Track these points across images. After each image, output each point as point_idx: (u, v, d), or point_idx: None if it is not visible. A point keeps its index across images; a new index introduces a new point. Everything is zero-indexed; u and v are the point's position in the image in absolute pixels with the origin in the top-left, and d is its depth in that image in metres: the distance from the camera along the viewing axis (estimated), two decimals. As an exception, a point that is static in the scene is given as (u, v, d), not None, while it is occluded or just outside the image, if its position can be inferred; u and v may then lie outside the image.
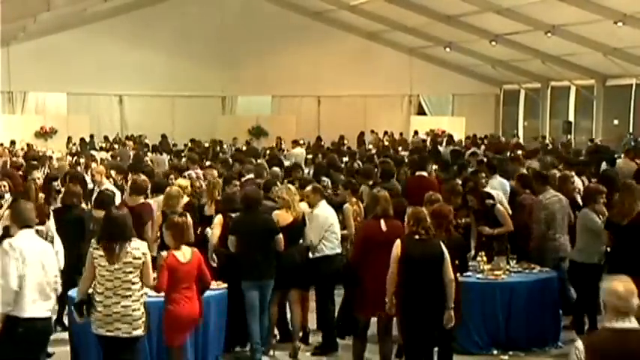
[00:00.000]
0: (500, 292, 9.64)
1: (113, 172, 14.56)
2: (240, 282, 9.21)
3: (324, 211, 9.89)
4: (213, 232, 9.94)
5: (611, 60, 26.34)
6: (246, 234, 9.25)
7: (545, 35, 25.75)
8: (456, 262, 8.15)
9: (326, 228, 9.71)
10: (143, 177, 11.47)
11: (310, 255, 9.78)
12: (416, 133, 31.50)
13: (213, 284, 9.09)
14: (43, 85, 31.63)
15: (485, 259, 10.05)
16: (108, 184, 12.84)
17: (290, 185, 10.77)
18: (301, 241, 9.81)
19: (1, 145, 25.08)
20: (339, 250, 9.89)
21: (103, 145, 28.50)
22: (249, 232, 9.25)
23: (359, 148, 27.52)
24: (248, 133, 32.03)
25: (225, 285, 9.25)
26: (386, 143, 29.18)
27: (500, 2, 24.93)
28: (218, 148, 25.58)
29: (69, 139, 28.32)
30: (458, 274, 8.21)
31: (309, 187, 10.21)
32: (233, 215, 9.84)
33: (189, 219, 8.30)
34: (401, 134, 32.03)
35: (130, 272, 7.33)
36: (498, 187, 12.89)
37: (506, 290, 9.67)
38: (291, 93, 34.20)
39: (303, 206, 10.02)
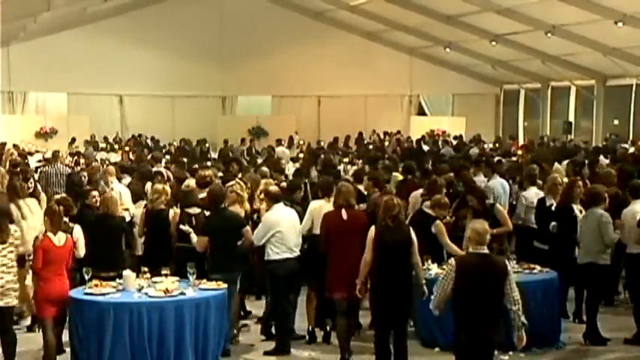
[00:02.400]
0: (500, 292, 9.64)
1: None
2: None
3: (275, 214, 9.85)
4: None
5: (612, 60, 26.33)
6: (217, 232, 9.62)
7: (545, 35, 25.72)
8: None
9: (272, 232, 9.68)
10: (208, 172, 11.98)
11: (265, 258, 9.90)
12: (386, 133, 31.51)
13: (213, 284, 9.15)
14: (43, 85, 31.60)
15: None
16: (117, 184, 12.87)
17: (241, 182, 11.07)
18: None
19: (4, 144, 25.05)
20: (289, 255, 9.80)
21: (103, 145, 28.47)
22: (219, 230, 9.63)
23: (358, 147, 27.59)
24: (248, 133, 32.02)
25: (225, 285, 9.27)
26: (386, 143, 29.17)
27: (500, 2, 24.91)
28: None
29: (73, 139, 28.17)
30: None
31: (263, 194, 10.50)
32: (190, 211, 10.32)
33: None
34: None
35: (12, 251, 8.70)
36: (498, 187, 12.95)
37: (506, 290, 9.67)
38: (291, 93, 34.19)
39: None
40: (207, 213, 10.23)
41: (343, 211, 9.42)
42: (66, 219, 9.58)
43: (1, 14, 18.77)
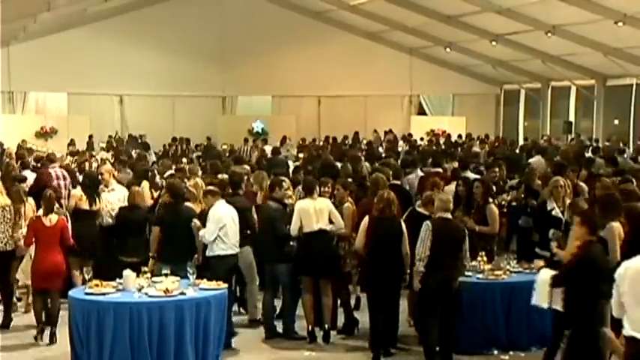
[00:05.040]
0: (501, 292, 9.64)
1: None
2: None
3: (218, 211, 10.14)
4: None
5: (612, 60, 26.32)
6: (168, 224, 10.32)
7: (545, 35, 25.72)
8: None
9: (220, 227, 10.01)
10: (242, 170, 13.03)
11: (206, 253, 10.15)
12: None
13: (213, 284, 9.16)
14: (43, 85, 31.57)
15: (485, 259, 10.06)
16: (114, 184, 12.90)
17: (198, 180, 11.61)
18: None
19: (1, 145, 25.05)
20: (232, 252, 10.08)
21: (104, 145, 28.44)
22: (170, 222, 10.32)
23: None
24: (248, 133, 32.02)
25: (226, 285, 9.29)
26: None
27: (500, 2, 24.90)
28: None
29: (72, 141, 28.15)
30: None
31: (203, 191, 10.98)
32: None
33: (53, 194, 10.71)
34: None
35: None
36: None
37: (507, 290, 9.68)
38: (291, 93, 34.16)
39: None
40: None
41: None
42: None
43: (1, 14, 18.75)
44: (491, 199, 11.15)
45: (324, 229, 10.26)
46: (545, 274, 7.77)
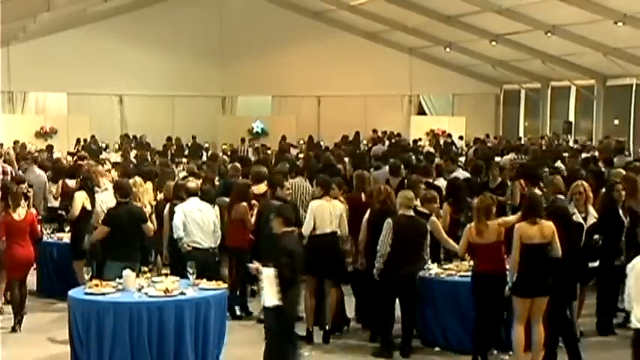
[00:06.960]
0: (500, 292, 9.63)
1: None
2: None
3: (181, 207, 10.73)
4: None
5: (612, 60, 26.32)
6: (117, 224, 10.39)
7: (545, 35, 25.73)
8: None
9: (183, 224, 10.58)
10: (263, 168, 13.10)
11: None
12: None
13: (213, 284, 9.16)
14: (43, 85, 31.57)
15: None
16: (107, 183, 12.90)
17: (137, 179, 11.99)
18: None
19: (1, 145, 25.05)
20: (196, 246, 10.53)
21: (103, 145, 28.43)
22: (120, 222, 10.40)
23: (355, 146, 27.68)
24: (248, 133, 32.04)
25: (226, 285, 9.29)
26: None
27: (500, 2, 24.91)
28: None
29: (78, 140, 28.16)
30: None
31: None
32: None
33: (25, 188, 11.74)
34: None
35: None
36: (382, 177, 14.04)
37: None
38: (291, 93, 34.17)
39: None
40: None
41: (362, 194, 11.02)
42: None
43: (1, 14, 18.74)
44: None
45: (334, 232, 10.30)
46: (269, 272, 8.20)
